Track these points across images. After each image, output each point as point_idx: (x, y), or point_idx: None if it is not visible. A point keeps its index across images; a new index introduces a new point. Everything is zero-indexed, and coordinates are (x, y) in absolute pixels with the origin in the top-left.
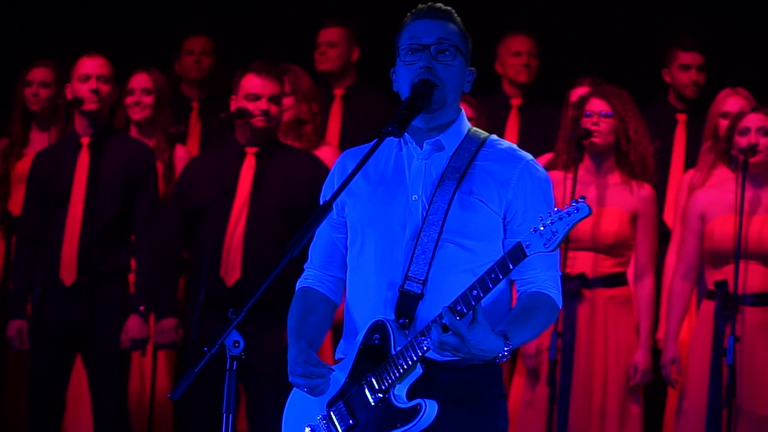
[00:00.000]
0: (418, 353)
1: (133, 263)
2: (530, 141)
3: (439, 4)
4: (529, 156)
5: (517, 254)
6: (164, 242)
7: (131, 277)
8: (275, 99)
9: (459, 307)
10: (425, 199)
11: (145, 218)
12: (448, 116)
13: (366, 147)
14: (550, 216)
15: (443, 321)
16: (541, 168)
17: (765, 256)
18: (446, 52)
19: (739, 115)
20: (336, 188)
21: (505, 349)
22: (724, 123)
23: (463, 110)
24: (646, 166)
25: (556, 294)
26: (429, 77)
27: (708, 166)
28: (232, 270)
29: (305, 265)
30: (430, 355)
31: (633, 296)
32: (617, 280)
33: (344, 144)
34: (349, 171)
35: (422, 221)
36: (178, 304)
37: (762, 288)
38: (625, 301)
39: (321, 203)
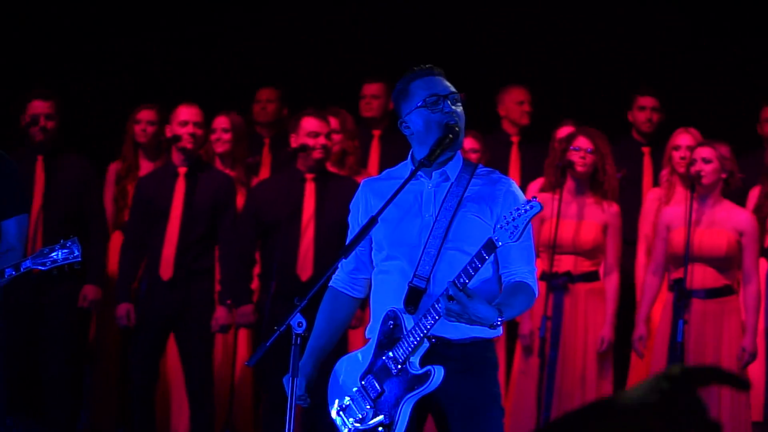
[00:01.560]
0: (422, 332)
1: (217, 265)
2: (527, 169)
3: (431, 66)
4: (508, 178)
5: (489, 246)
6: (241, 249)
7: (216, 275)
8: (329, 136)
9: (461, 281)
10: (432, 214)
11: (227, 232)
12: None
13: (379, 177)
14: (512, 214)
15: (449, 293)
16: (516, 185)
17: (705, 259)
18: (457, 102)
19: (689, 148)
20: (362, 210)
21: (499, 319)
22: (676, 154)
23: None
24: (614, 190)
25: (533, 282)
26: (455, 121)
27: (668, 186)
28: (305, 269)
29: (340, 265)
30: (442, 334)
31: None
32: (593, 276)
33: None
34: (369, 200)
35: (429, 234)
36: (253, 294)
37: (703, 285)
38: (599, 292)
39: (349, 220)
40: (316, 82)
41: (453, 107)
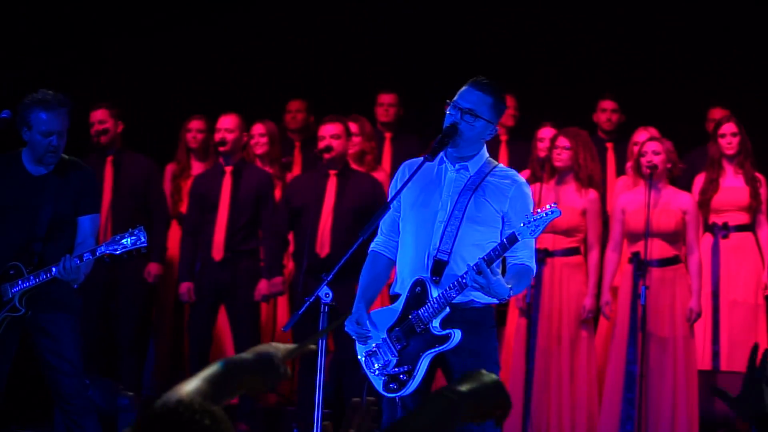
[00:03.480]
0: (446, 300)
1: (260, 247)
2: (514, 163)
3: (482, 79)
4: (521, 179)
5: (512, 239)
6: (278, 232)
7: (261, 254)
8: (341, 137)
9: (484, 261)
10: (453, 197)
11: (268, 220)
12: (472, 151)
13: (418, 159)
14: (535, 215)
15: (479, 268)
16: (527, 186)
17: (658, 234)
18: (471, 116)
19: (643, 144)
20: (397, 189)
21: (510, 293)
22: (635, 149)
23: (485, 147)
24: (592, 179)
25: (533, 265)
26: (455, 126)
27: (632, 175)
28: (324, 247)
29: (378, 232)
30: (455, 301)
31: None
32: (571, 252)
33: (393, 169)
34: (405, 177)
35: (451, 212)
36: (284, 269)
37: (659, 256)
38: (575, 265)
39: (388, 199)
40: (338, 93)
41: (462, 120)
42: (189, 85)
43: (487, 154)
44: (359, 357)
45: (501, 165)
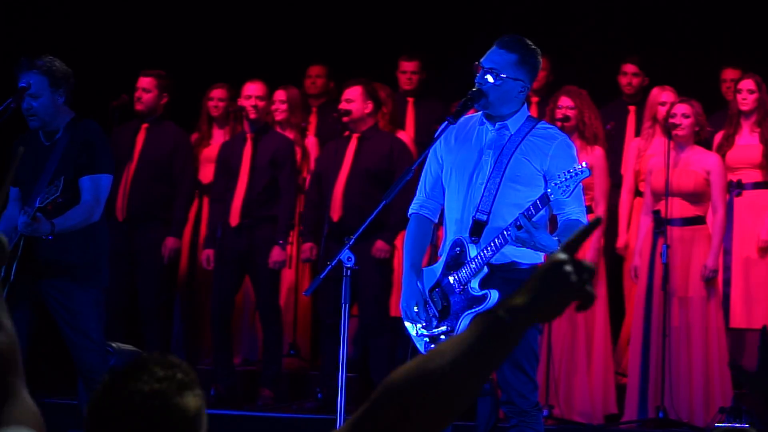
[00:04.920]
0: (483, 260)
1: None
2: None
3: (507, 37)
4: (563, 135)
5: (543, 199)
6: (311, 200)
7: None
8: (356, 100)
9: (528, 213)
10: (493, 158)
11: (285, 185)
12: (509, 109)
13: (459, 122)
14: (565, 174)
15: (518, 223)
16: (570, 142)
17: (680, 194)
18: (494, 75)
19: (671, 104)
20: (440, 146)
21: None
22: (661, 109)
23: (525, 105)
24: (597, 137)
25: (584, 218)
26: (480, 89)
27: (648, 136)
28: (335, 211)
29: (418, 192)
30: (494, 261)
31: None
32: None
33: (416, 133)
34: (449, 136)
35: (490, 172)
36: (312, 236)
37: (680, 215)
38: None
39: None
40: (359, 58)
41: (485, 79)
42: (208, 53)
43: (528, 112)
44: (404, 319)
45: (543, 122)
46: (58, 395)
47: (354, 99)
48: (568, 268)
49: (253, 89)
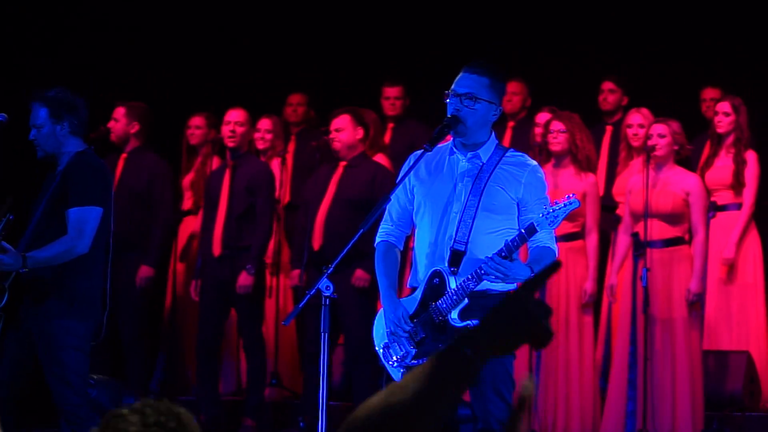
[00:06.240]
0: (465, 291)
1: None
2: (518, 148)
3: (476, 62)
4: (533, 162)
5: (531, 230)
6: (301, 227)
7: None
8: (343, 130)
9: (503, 254)
10: (467, 188)
11: (261, 210)
12: (480, 137)
13: (436, 148)
14: (554, 206)
15: (495, 261)
16: (539, 169)
17: (658, 215)
18: (470, 100)
19: (640, 126)
20: (400, 178)
21: (532, 273)
22: (629, 131)
23: (493, 133)
24: (590, 162)
25: (554, 247)
26: (455, 116)
27: (623, 159)
28: (316, 239)
29: (383, 222)
30: (476, 288)
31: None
32: (573, 236)
33: (393, 155)
34: (421, 164)
35: (465, 202)
36: (300, 263)
37: (659, 237)
38: (578, 249)
39: (397, 181)
40: (337, 87)
41: (462, 105)
42: (189, 81)
43: (497, 140)
44: (377, 348)
45: (512, 150)
46: (40, 426)
47: (343, 128)
48: (528, 305)
49: (233, 116)
